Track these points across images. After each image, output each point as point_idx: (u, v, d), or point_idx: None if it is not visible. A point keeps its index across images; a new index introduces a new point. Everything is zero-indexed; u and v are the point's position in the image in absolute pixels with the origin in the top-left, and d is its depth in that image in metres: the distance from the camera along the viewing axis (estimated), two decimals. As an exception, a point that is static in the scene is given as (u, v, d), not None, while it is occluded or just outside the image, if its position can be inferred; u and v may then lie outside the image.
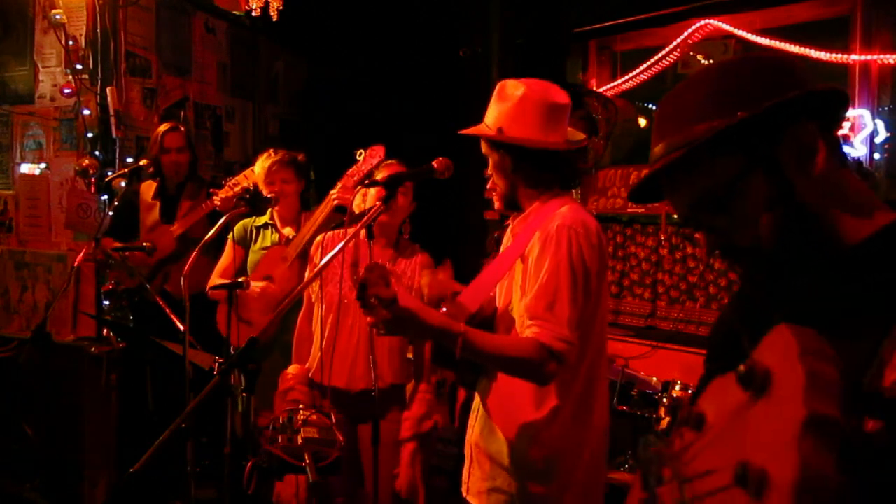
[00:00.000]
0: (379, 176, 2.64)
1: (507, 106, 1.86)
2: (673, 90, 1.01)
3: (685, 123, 0.94)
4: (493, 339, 1.76)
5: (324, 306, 2.62)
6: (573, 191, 2.02)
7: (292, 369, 2.68)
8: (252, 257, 3.25)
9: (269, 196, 3.02)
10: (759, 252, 0.93)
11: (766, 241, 0.92)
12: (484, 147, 1.92)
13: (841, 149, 0.95)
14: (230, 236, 3.21)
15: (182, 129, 3.80)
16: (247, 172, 3.39)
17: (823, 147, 0.91)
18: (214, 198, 3.44)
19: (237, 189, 3.39)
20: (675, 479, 0.83)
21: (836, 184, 0.93)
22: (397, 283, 1.61)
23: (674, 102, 0.99)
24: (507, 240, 2.03)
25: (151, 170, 3.75)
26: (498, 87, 1.91)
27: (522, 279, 1.83)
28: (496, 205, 1.95)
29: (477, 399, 1.98)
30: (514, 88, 1.87)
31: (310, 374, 2.68)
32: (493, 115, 1.88)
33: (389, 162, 2.74)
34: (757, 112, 0.89)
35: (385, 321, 1.61)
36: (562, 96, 1.88)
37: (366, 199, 2.60)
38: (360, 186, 2.30)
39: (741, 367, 0.71)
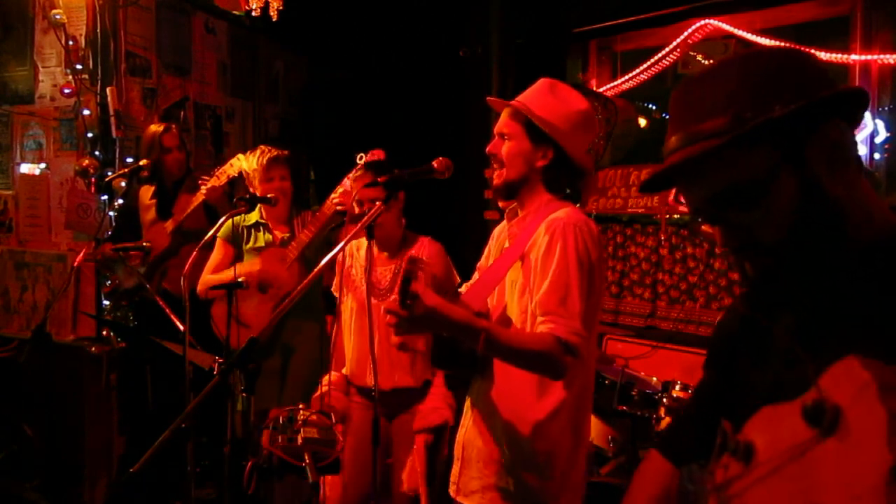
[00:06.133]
0: (351, 185, 2.75)
1: (564, 110, 1.85)
2: (690, 80, 0.95)
3: (707, 114, 0.90)
4: (512, 335, 1.76)
5: (351, 314, 2.76)
6: None
7: (332, 376, 2.78)
8: (246, 258, 3.23)
9: (270, 197, 3.01)
10: (784, 249, 0.90)
11: (794, 237, 0.88)
12: (510, 126, 1.87)
13: (858, 150, 0.94)
14: (218, 234, 3.15)
15: (174, 127, 3.76)
16: (233, 161, 3.33)
17: (852, 146, 0.91)
18: (203, 188, 3.40)
19: (223, 179, 3.36)
20: None
21: (854, 183, 0.91)
22: (423, 280, 1.61)
23: (693, 92, 0.93)
24: (500, 236, 2.03)
25: (146, 173, 3.69)
26: (548, 82, 1.90)
27: (524, 278, 1.82)
28: (495, 182, 1.92)
29: (468, 400, 1.97)
30: (575, 98, 1.88)
31: (348, 378, 2.80)
32: (544, 108, 1.84)
33: (361, 173, 2.72)
34: (797, 107, 0.86)
35: (411, 318, 1.59)
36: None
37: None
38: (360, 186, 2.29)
39: (808, 402, 0.67)
